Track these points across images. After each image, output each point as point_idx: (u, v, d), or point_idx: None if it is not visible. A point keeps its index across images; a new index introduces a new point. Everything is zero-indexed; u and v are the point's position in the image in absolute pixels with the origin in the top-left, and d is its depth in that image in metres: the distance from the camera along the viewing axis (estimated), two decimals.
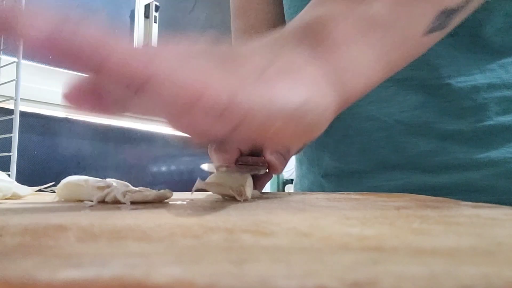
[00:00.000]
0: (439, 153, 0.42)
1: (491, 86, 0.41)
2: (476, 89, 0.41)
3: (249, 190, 0.29)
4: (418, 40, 0.29)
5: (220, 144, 0.32)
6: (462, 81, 0.41)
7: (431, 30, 0.29)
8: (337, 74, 0.25)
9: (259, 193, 0.34)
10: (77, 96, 0.19)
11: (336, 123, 0.50)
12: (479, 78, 0.41)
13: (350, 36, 0.26)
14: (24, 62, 1.02)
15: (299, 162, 0.57)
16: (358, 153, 0.47)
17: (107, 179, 0.30)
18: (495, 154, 0.40)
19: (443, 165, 0.42)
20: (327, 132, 0.51)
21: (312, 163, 0.53)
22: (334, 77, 0.25)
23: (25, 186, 0.36)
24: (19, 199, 0.34)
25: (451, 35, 0.32)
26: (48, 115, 1.31)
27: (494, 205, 0.24)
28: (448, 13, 0.29)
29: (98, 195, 0.26)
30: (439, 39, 0.31)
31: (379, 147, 0.45)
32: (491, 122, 0.40)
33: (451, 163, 0.42)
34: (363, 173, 0.47)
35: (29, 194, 0.36)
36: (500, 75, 0.41)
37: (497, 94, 0.41)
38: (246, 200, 0.28)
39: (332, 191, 0.48)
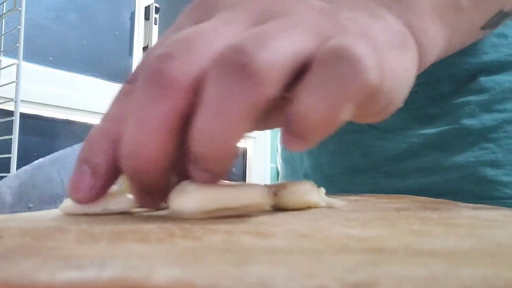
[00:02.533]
0: (406, 158, 0.43)
1: (458, 92, 0.41)
2: (443, 96, 0.42)
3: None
4: (475, 32, 0.32)
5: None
6: (430, 89, 0.42)
7: (485, 27, 0.32)
8: (420, 36, 0.24)
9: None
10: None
11: None
12: (447, 86, 0.42)
13: (433, 8, 0.26)
14: (24, 63, 1.02)
15: (285, 162, 0.57)
16: (330, 155, 0.48)
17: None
18: (459, 158, 0.40)
19: (409, 169, 0.43)
20: None
21: (297, 163, 0.54)
22: (418, 39, 0.24)
23: None
24: None
25: None
26: (48, 117, 1.31)
27: (493, 206, 0.24)
28: (502, 15, 0.32)
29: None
30: (482, 37, 0.34)
31: (349, 150, 0.46)
32: (457, 126, 0.41)
33: (417, 167, 0.42)
34: (334, 176, 0.48)
35: None
36: (466, 81, 0.41)
37: (463, 99, 0.41)
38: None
39: None
